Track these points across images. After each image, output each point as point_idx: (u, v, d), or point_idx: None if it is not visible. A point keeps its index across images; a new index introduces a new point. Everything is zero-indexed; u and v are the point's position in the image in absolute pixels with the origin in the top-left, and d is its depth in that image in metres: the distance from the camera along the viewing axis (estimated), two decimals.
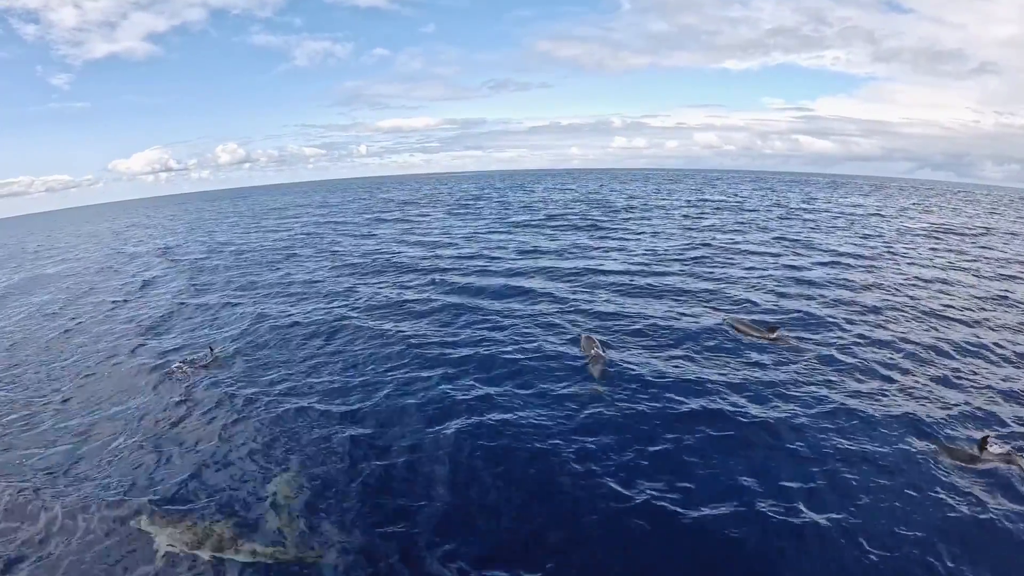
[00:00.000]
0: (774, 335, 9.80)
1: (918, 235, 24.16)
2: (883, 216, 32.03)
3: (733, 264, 16.74)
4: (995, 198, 61.34)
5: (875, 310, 12.14)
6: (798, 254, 18.39)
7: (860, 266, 16.74)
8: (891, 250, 19.74)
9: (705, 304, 12.50)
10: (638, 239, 21.52)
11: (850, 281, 14.72)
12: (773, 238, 21.56)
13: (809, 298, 12.98)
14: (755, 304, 12.57)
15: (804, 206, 36.94)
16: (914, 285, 14.52)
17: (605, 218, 28.81)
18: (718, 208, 34.23)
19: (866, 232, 24.42)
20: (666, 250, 19.07)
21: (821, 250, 19.41)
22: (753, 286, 14.12)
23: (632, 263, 17.03)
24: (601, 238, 22.32)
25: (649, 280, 14.73)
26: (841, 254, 18.40)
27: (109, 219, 67.81)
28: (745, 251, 18.73)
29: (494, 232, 24.54)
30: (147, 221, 53.97)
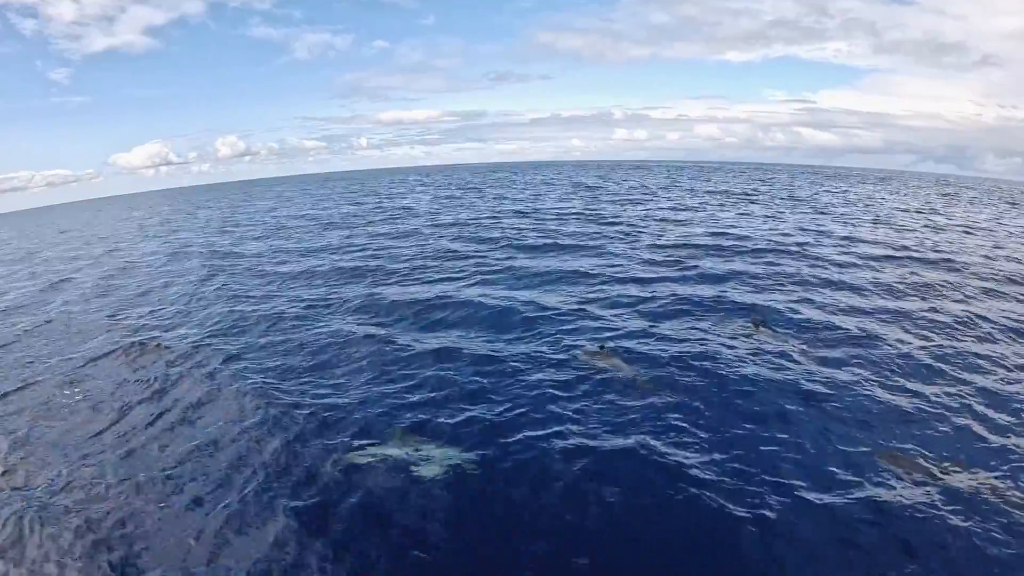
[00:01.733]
0: (758, 329, 9.42)
1: (955, 232, 22.33)
2: (909, 211, 30.11)
3: (756, 261, 14.89)
4: (1007, 192, 59.07)
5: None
6: (830, 251, 16.53)
7: (907, 266, 14.92)
8: (938, 248, 17.91)
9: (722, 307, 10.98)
10: (643, 233, 19.63)
11: (901, 282, 12.92)
12: (796, 232, 19.68)
13: (858, 309, 11.14)
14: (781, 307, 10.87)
15: (824, 199, 34.92)
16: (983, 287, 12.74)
17: (606, 213, 26.79)
18: (732, 199, 32.20)
19: (900, 227, 22.57)
20: (673, 243, 17.22)
21: (864, 243, 17.63)
22: (779, 286, 12.39)
23: (637, 259, 15.35)
24: (604, 227, 20.64)
25: (657, 278, 12.99)
26: (878, 257, 16.51)
27: (80, 216, 65.67)
28: (767, 248, 16.85)
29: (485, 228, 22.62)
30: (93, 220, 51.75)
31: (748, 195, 36.57)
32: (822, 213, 26.77)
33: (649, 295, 11.86)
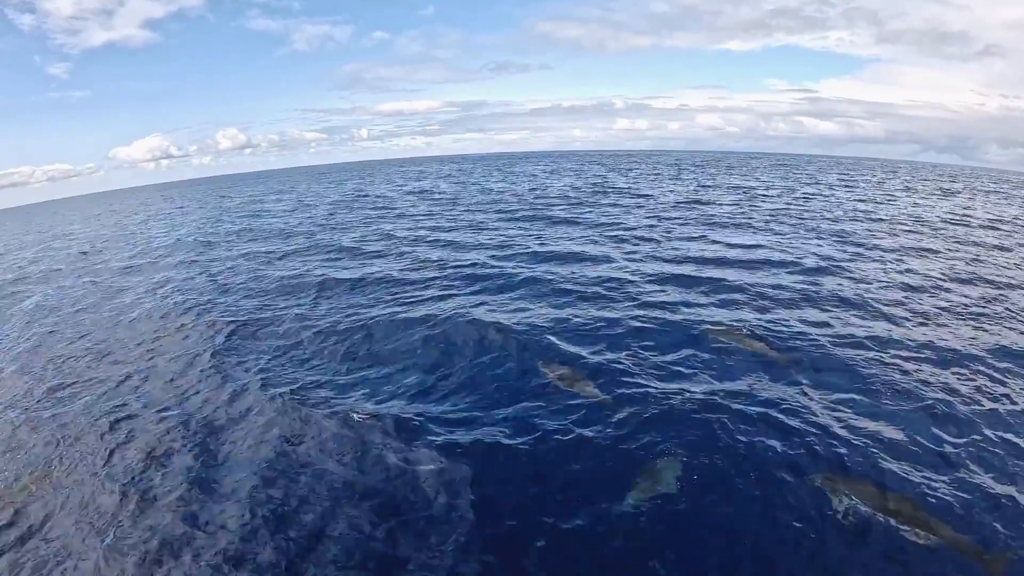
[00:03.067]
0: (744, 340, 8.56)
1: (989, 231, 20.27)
2: (935, 205, 27.88)
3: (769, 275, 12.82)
4: (1020, 183, 56.59)
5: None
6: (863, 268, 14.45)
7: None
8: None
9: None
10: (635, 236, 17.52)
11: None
12: (821, 241, 17.51)
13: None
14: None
15: (840, 194, 32.59)
16: None
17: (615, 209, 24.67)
18: (743, 196, 29.89)
19: (937, 226, 20.46)
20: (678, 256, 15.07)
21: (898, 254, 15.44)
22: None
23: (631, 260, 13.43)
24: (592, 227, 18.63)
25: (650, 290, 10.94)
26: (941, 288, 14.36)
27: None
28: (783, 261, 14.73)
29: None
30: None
31: (760, 192, 34.33)
32: (845, 212, 24.60)
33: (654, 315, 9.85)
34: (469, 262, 14.09)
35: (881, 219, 21.20)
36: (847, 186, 36.96)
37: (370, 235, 19.44)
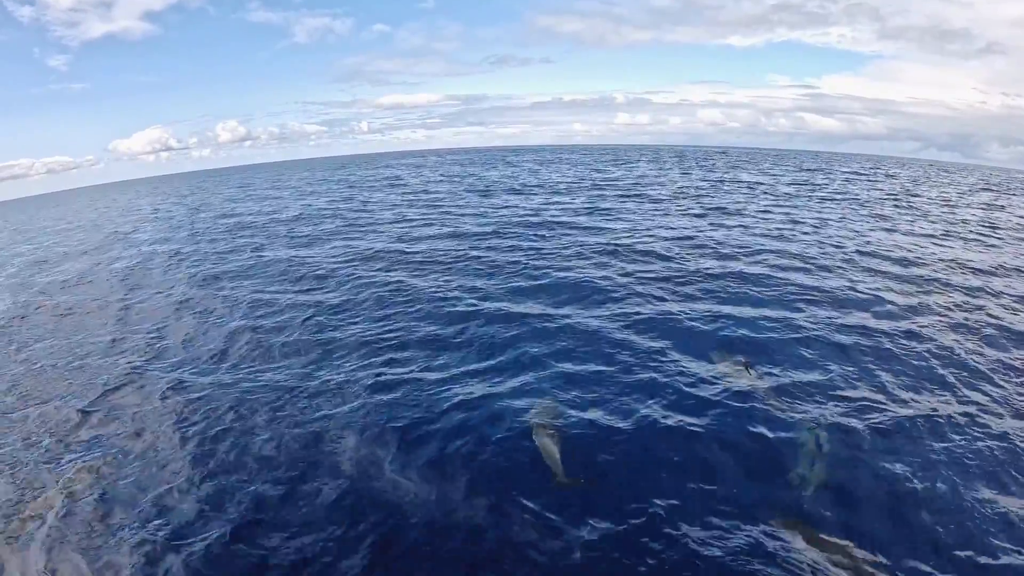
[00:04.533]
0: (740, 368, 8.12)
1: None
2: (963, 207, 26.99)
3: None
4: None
5: None
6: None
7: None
8: None
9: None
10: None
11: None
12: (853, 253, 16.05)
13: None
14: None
15: (859, 192, 31.63)
16: None
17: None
18: (759, 199, 29.01)
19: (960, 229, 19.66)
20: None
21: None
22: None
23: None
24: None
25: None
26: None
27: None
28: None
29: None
30: None
31: (782, 197, 33.32)
32: (876, 218, 23.49)
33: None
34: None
35: (922, 234, 18.80)
36: (867, 187, 35.92)
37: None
